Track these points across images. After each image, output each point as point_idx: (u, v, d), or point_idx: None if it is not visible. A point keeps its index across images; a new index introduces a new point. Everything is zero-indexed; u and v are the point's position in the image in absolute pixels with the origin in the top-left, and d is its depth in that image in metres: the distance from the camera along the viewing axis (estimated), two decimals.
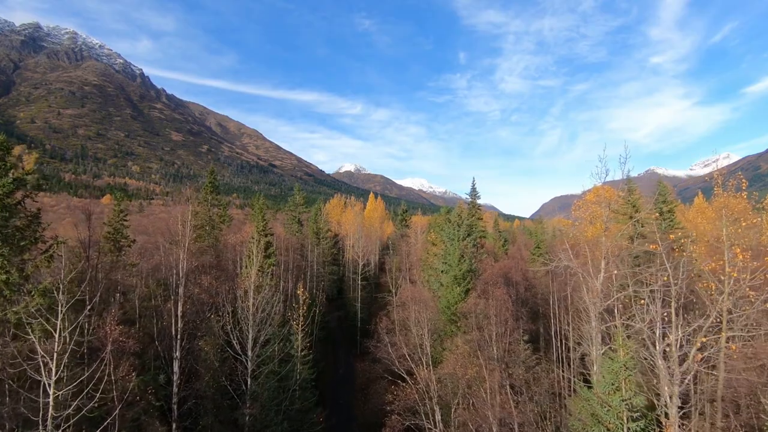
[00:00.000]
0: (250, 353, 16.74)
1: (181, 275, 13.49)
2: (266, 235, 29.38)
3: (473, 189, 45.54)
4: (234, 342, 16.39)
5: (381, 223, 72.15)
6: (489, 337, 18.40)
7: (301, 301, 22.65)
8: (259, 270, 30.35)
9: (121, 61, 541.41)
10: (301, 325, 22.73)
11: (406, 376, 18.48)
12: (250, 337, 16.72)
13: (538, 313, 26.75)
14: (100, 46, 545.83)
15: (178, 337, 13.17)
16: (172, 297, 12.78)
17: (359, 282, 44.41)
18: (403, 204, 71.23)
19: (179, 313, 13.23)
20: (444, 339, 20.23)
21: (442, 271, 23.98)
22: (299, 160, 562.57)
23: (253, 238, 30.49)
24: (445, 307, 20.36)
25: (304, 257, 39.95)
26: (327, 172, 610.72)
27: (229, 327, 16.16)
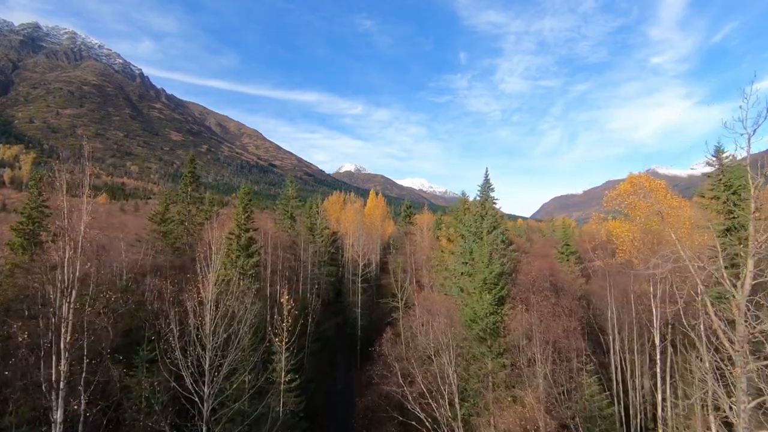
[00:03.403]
0: (206, 390, 12.01)
1: (66, 283, 8.55)
2: (248, 230, 24.63)
3: (486, 181, 40.59)
4: (185, 374, 11.68)
5: (382, 221, 67.48)
6: (532, 361, 13.65)
7: (285, 313, 17.89)
8: (240, 272, 25.67)
9: (121, 61, 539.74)
10: (287, 343, 17.98)
11: (421, 415, 13.74)
12: (206, 367, 12.00)
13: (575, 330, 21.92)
14: (99, 46, 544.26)
15: (60, 386, 8.26)
16: (53, 320, 8.02)
17: (359, 284, 39.62)
18: (407, 200, 66.38)
19: (62, 345, 8.34)
20: (470, 362, 15.48)
21: (462, 273, 19.16)
22: (299, 160, 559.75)
23: (233, 234, 25.83)
24: (471, 320, 15.64)
25: (296, 257, 35.17)
26: (327, 172, 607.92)
27: (176, 353, 11.47)
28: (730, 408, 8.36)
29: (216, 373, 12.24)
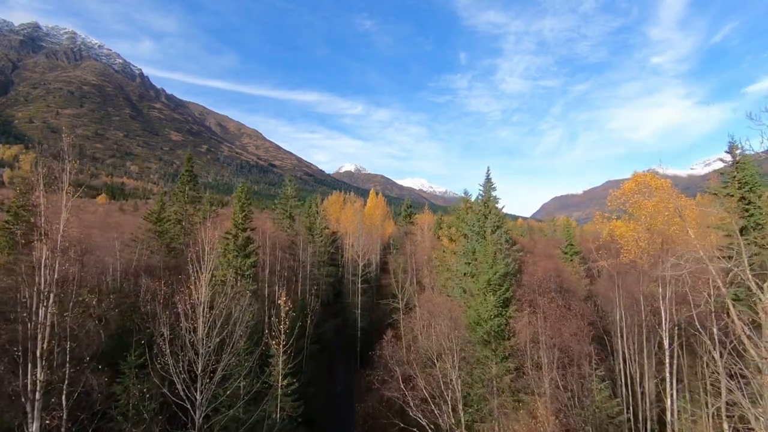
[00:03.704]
0: (199, 397, 11.47)
1: (43, 285, 7.96)
2: (245, 230, 24.08)
3: (488, 180, 39.93)
4: (175, 380, 11.15)
5: (382, 221, 66.94)
6: (538, 365, 13.10)
7: (283, 314, 17.35)
8: (237, 272, 25.12)
9: (121, 61, 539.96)
10: (284, 346, 17.44)
11: (423, 421, 13.20)
12: (198, 372, 11.47)
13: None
14: (99, 46, 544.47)
15: (36, 396, 7.67)
16: (29, 325, 7.44)
17: (359, 285, 39.05)
18: (408, 199, 65.83)
19: (39, 352, 7.75)
20: (474, 366, 14.92)
21: (464, 274, 18.61)
22: (299, 159, 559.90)
23: (229, 234, 25.29)
24: (475, 322, 15.09)
25: (295, 257, 34.62)
26: (327, 172, 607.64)
27: (167, 358, 10.93)
28: (756, 418, 7.81)
29: (209, 379, 11.71)
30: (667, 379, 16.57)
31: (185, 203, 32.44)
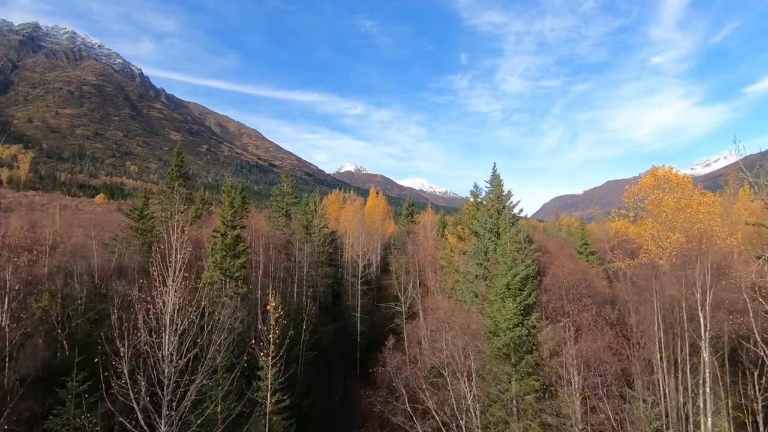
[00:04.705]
0: (164, 428, 9.51)
1: None
2: (235, 228, 22.10)
3: (495, 175, 37.78)
4: (134, 405, 9.19)
5: (383, 220, 65.12)
6: (567, 383, 11.09)
7: (272, 322, 15.38)
8: (226, 274, 23.17)
9: (120, 60, 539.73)
10: (274, 357, 15.47)
11: None
12: (164, 395, 9.51)
13: None
14: (99, 45, 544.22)
15: None
16: None
17: (359, 287, 37.05)
18: (410, 197, 63.91)
19: None
20: (490, 382, 12.92)
21: (476, 276, 16.60)
22: (299, 159, 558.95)
23: (217, 232, 23.33)
24: (491, 332, 13.12)
25: (291, 257, 32.64)
26: (327, 172, 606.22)
27: (124, 380, 8.99)
28: None
29: (177, 404, 9.75)
30: (707, 398, 14.56)
31: (173, 201, 30.52)
